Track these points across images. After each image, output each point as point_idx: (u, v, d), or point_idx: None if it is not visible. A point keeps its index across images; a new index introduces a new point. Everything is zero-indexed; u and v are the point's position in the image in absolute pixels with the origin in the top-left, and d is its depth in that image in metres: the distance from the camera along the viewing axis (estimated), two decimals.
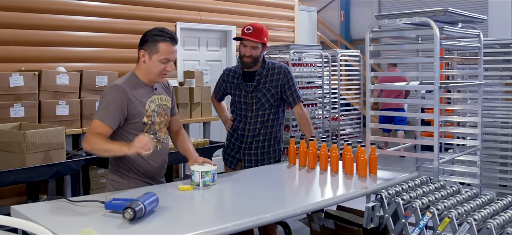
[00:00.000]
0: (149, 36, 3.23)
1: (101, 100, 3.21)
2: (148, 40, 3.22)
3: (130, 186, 3.28)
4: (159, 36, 3.20)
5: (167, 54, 3.20)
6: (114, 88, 3.21)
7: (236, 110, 4.32)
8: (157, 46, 3.19)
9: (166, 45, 3.20)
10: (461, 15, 3.95)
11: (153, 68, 3.23)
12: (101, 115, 3.13)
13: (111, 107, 3.13)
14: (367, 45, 4.05)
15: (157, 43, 3.19)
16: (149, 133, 3.27)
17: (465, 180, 4.57)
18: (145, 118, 3.24)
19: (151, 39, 3.21)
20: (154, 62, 3.21)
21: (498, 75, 5.35)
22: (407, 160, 7.95)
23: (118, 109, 3.14)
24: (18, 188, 5.75)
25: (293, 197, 3.35)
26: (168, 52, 3.20)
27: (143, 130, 3.25)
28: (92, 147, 3.11)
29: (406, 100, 9.11)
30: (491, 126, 5.29)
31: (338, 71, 8.78)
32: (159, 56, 3.19)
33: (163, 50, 3.19)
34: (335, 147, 3.72)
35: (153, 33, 3.24)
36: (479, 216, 2.56)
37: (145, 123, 3.25)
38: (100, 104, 3.19)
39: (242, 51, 4.14)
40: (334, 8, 17.77)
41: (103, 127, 3.11)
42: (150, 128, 3.28)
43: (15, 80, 5.47)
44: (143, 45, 3.24)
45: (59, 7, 6.47)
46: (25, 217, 2.53)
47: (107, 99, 3.16)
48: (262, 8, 9.14)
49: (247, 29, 4.11)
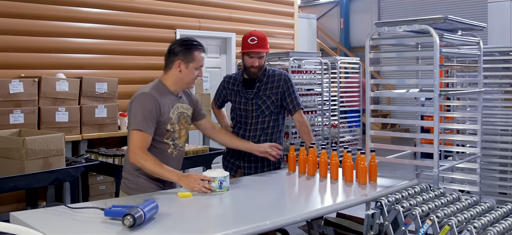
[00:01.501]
0: (182, 47, 3.41)
1: (134, 108, 3.30)
2: (182, 50, 3.39)
3: (138, 184, 3.40)
4: (193, 46, 3.41)
5: (201, 62, 3.45)
6: (147, 96, 3.31)
7: (236, 117, 4.31)
8: (192, 54, 3.40)
9: (199, 52, 3.43)
10: (461, 23, 3.95)
11: (188, 76, 3.42)
12: (141, 126, 3.24)
13: (148, 116, 3.25)
14: (367, 53, 4.05)
15: (192, 52, 3.40)
16: (168, 140, 3.41)
17: (465, 188, 4.57)
18: (169, 126, 3.39)
19: (186, 49, 3.40)
20: (190, 70, 3.41)
21: (497, 82, 5.35)
22: (407, 167, 7.93)
23: (154, 117, 3.28)
24: (17, 194, 5.74)
25: (292, 204, 3.34)
26: (201, 59, 3.45)
27: (164, 136, 3.38)
28: (143, 166, 3.25)
29: (407, 108, 9.11)
30: (491, 133, 5.29)
31: (337, 78, 8.77)
32: (196, 64, 3.41)
33: (198, 58, 3.42)
34: (335, 154, 3.71)
35: (186, 43, 3.42)
36: (479, 223, 2.55)
37: (168, 130, 3.39)
38: (135, 113, 3.28)
39: (248, 63, 4.14)
40: (333, 16, 17.81)
41: (146, 137, 3.25)
42: (170, 135, 3.42)
43: (14, 87, 5.47)
44: (177, 55, 3.40)
45: (59, 14, 6.48)
46: (24, 223, 2.53)
47: (143, 108, 3.27)
48: (262, 15, 9.16)
49: (251, 40, 4.11)
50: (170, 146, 3.45)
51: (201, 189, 3.17)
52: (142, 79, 7.28)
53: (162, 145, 3.41)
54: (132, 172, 3.41)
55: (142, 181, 3.39)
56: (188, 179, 3.22)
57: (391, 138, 11.84)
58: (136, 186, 3.40)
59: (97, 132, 6.18)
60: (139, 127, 3.23)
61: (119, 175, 5.02)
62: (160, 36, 7.59)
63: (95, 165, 5.10)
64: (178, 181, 3.23)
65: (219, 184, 3.23)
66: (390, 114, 15.42)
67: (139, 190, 3.37)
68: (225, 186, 3.26)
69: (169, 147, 3.45)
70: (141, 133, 3.23)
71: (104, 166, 5.25)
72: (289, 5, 9.80)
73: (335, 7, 17.85)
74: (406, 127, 14.31)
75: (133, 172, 3.40)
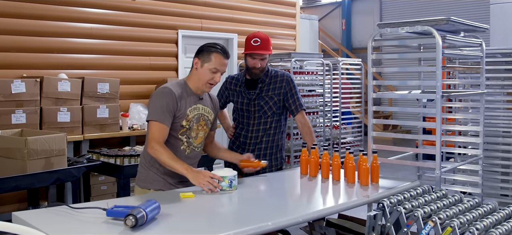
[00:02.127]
0: (205, 47, 3.51)
1: (153, 101, 3.43)
2: (204, 50, 3.50)
3: (148, 177, 3.51)
4: (213, 48, 3.48)
5: (217, 65, 3.46)
6: (165, 90, 3.41)
7: (238, 118, 4.32)
8: (210, 56, 3.46)
9: (218, 56, 3.46)
10: (463, 24, 3.95)
11: (202, 75, 3.47)
12: (159, 117, 3.34)
13: (165, 109, 3.35)
14: (369, 54, 4.04)
15: (211, 54, 3.46)
16: (183, 136, 3.49)
17: (467, 189, 4.56)
18: (184, 122, 3.46)
19: (206, 50, 3.49)
20: (204, 70, 3.46)
21: (499, 84, 5.35)
22: (408, 169, 7.93)
23: (171, 110, 3.38)
24: (19, 194, 5.75)
25: (294, 205, 3.34)
26: (219, 63, 3.46)
27: (179, 132, 3.46)
28: (157, 157, 3.34)
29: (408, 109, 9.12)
30: (493, 135, 5.28)
31: (339, 80, 8.77)
32: (210, 65, 3.45)
33: (215, 61, 3.46)
34: (337, 155, 3.71)
35: (209, 44, 3.52)
36: (481, 225, 2.55)
37: (183, 126, 3.46)
38: (154, 106, 3.40)
39: (251, 63, 4.15)
40: (335, 17, 17.82)
41: (163, 128, 3.35)
42: (185, 132, 3.50)
43: (16, 87, 5.48)
44: (198, 54, 3.52)
45: (61, 14, 6.49)
46: (26, 223, 2.52)
47: (161, 101, 3.37)
48: (264, 16, 9.16)
49: (254, 41, 4.12)
50: (184, 143, 3.50)
51: (208, 188, 3.19)
52: (144, 80, 7.30)
53: (175, 140, 3.47)
54: (145, 166, 3.52)
55: (152, 175, 3.49)
56: (197, 174, 3.25)
57: (393, 140, 11.83)
58: (146, 179, 3.51)
59: (98, 132, 6.19)
60: (156, 118, 3.34)
61: (121, 175, 5.05)
62: (162, 36, 7.59)
63: (96, 165, 5.11)
64: (186, 174, 3.25)
65: (229, 183, 3.26)
66: (392, 116, 15.41)
67: (148, 183, 3.49)
68: (234, 185, 3.28)
69: (183, 144, 3.50)
70: (158, 124, 3.34)
71: (106, 167, 5.25)
72: (291, 6, 9.80)
73: (337, 8, 17.85)
74: (407, 128, 14.30)
75: (146, 165, 3.51)
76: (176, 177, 3.49)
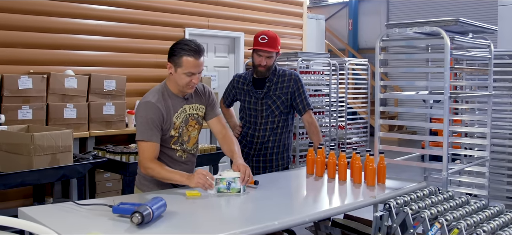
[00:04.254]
0: (176, 49, 3.28)
1: (139, 119, 3.30)
2: (175, 54, 3.28)
3: (149, 181, 3.42)
4: (183, 50, 3.25)
5: (191, 68, 3.25)
6: (149, 105, 3.27)
7: (245, 117, 4.31)
8: (181, 59, 3.25)
9: (190, 59, 3.24)
10: (472, 25, 3.93)
11: (179, 80, 3.30)
12: (147, 136, 3.23)
13: (152, 124, 3.24)
14: (377, 54, 4.03)
15: (181, 57, 3.25)
16: (176, 145, 3.39)
17: (473, 191, 4.54)
18: (172, 131, 3.35)
19: (177, 52, 3.27)
20: (179, 74, 3.27)
21: (506, 86, 5.32)
22: (414, 170, 7.91)
23: (158, 125, 3.26)
24: (24, 190, 5.76)
25: (300, 205, 3.34)
26: (192, 66, 3.25)
27: (170, 142, 3.36)
28: (153, 175, 3.28)
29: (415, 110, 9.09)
30: (499, 137, 5.26)
31: (345, 80, 8.76)
32: (183, 70, 3.25)
33: (187, 64, 3.24)
34: (344, 155, 3.70)
35: (179, 46, 3.28)
36: (488, 227, 2.54)
37: (173, 135, 3.36)
38: (140, 123, 3.28)
39: (256, 61, 4.13)
40: (342, 17, 17.80)
41: (152, 146, 3.25)
42: (177, 140, 3.39)
43: (23, 83, 5.49)
44: (170, 58, 3.31)
45: (68, 10, 6.50)
46: (32, 219, 2.53)
47: (146, 118, 3.25)
48: (271, 15, 9.15)
49: (261, 38, 4.08)
50: (179, 151, 3.43)
51: (202, 184, 3.16)
52: (150, 77, 7.30)
53: (169, 151, 3.40)
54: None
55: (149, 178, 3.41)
56: (193, 177, 3.20)
57: (398, 140, 11.81)
58: (150, 183, 3.43)
59: (104, 129, 6.19)
60: (144, 137, 3.24)
61: (126, 173, 5.05)
62: (169, 34, 7.59)
63: (102, 162, 5.11)
64: (186, 181, 3.20)
65: (227, 185, 3.23)
66: (397, 116, 15.39)
67: (152, 186, 3.42)
68: (234, 188, 3.23)
69: (177, 151, 3.44)
70: (147, 143, 3.24)
71: (112, 163, 5.25)
72: (298, 6, 9.79)
73: (344, 8, 17.82)
74: (413, 129, 14.27)
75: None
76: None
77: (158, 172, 3.23)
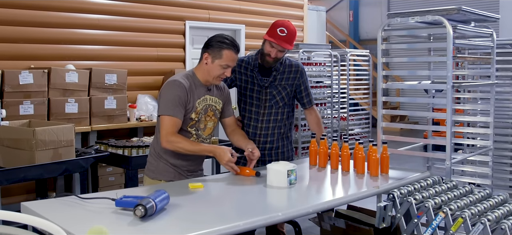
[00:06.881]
0: (215, 42, 3.44)
1: (164, 95, 3.41)
2: (214, 46, 3.43)
3: (158, 168, 3.53)
4: (225, 44, 3.42)
5: (229, 61, 3.43)
6: (176, 84, 3.40)
7: (245, 107, 4.06)
8: (221, 52, 3.41)
9: (229, 52, 3.42)
10: (474, 14, 3.90)
11: (213, 71, 3.45)
12: (172, 111, 3.35)
13: (178, 102, 3.36)
14: (379, 44, 4.00)
15: (222, 50, 3.41)
16: (192, 129, 3.49)
17: (476, 181, 4.53)
18: (193, 114, 3.46)
19: (217, 45, 3.43)
20: (215, 65, 3.43)
21: (509, 75, 5.31)
22: (417, 160, 7.90)
23: (182, 104, 3.38)
24: (27, 185, 5.76)
25: (304, 196, 3.32)
26: (230, 59, 3.44)
27: (188, 124, 3.46)
28: (178, 147, 3.37)
29: (418, 100, 9.08)
30: (502, 126, 5.25)
31: (346, 71, 8.74)
32: (221, 62, 3.42)
33: (227, 57, 3.42)
34: (346, 146, 3.69)
35: (219, 39, 3.44)
36: (493, 216, 2.53)
37: (192, 118, 3.46)
38: (164, 99, 3.39)
39: (267, 50, 3.88)
40: (343, 8, 17.76)
41: (176, 121, 3.36)
42: (194, 125, 3.49)
43: (24, 78, 5.49)
44: (208, 49, 3.46)
45: (68, 5, 6.48)
46: (35, 213, 2.52)
47: (173, 94, 3.37)
48: (272, 7, 9.13)
49: (280, 30, 3.82)
50: (193, 136, 3.51)
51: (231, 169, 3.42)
52: (151, 71, 7.30)
53: (185, 133, 3.47)
54: (155, 156, 3.53)
55: (162, 166, 3.50)
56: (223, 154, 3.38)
57: (400, 130, 11.79)
58: (156, 169, 3.52)
59: (106, 123, 6.19)
60: (169, 112, 3.34)
61: (129, 166, 5.05)
62: (170, 27, 7.58)
63: (104, 156, 5.11)
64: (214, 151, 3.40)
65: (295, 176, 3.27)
66: (399, 106, 15.37)
67: (158, 174, 3.51)
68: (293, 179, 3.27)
69: (192, 136, 3.50)
70: (171, 118, 3.34)
71: (114, 157, 5.25)
72: None
73: (345, 0, 17.78)
74: (415, 119, 14.25)
75: (156, 156, 3.53)
76: (186, 167, 3.51)
77: (186, 144, 3.36)
